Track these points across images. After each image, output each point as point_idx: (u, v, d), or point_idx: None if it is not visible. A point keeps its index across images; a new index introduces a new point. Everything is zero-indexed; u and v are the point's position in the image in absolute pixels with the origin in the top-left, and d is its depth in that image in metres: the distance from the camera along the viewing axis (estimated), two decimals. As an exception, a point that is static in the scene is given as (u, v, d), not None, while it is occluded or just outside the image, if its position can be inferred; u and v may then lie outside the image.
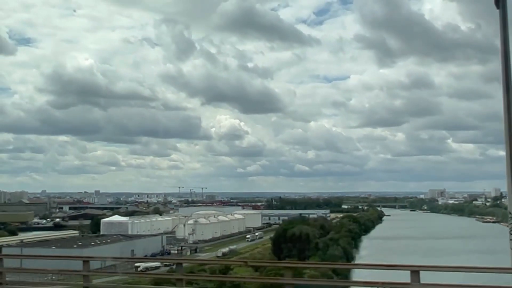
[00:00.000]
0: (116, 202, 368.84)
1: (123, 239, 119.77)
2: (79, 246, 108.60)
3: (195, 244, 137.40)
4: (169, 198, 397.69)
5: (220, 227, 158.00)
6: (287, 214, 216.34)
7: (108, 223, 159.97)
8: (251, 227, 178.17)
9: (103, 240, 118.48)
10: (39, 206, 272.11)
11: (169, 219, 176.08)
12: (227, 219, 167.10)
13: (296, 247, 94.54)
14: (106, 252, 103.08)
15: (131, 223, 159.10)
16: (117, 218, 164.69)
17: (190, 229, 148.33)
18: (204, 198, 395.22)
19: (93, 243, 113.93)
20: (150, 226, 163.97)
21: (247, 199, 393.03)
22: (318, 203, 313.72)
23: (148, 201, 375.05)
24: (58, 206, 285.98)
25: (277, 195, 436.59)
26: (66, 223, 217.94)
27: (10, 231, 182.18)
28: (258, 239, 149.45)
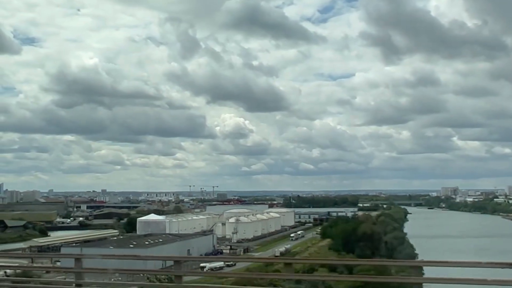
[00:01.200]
0: (127, 201, 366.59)
1: (178, 239, 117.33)
2: (137, 246, 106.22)
3: (239, 243, 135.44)
4: (180, 196, 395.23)
5: (260, 225, 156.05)
6: (316, 212, 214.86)
7: (145, 222, 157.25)
8: (286, 226, 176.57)
9: (155, 240, 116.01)
10: (58, 205, 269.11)
11: (203, 218, 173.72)
12: (266, 218, 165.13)
13: (368, 246, 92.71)
14: (167, 252, 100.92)
15: (168, 222, 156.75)
16: (154, 217, 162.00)
17: (231, 228, 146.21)
18: (215, 197, 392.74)
19: (147, 242, 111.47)
20: (187, 225, 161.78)
21: (257, 198, 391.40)
22: (335, 201, 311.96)
23: (160, 200, 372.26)
24: (76, 205, 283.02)
25: (281, 194, 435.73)
26: (91, 222, 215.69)
27: (40, 231, 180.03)
28: (301, 237, 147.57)
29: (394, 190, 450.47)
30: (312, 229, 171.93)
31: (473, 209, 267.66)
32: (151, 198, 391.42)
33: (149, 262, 52.48)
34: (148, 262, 57.22)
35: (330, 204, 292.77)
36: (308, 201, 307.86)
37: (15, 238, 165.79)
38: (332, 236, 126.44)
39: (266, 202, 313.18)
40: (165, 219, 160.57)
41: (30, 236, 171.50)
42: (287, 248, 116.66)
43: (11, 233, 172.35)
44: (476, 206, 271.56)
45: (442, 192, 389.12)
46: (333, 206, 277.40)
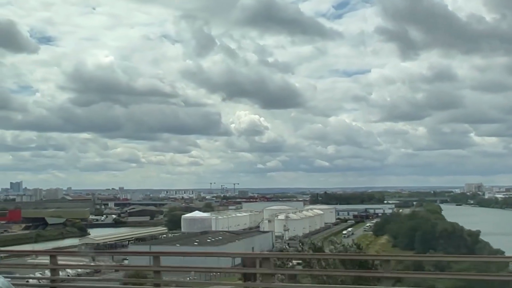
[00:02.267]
0: (149, 199, 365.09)
1: (241, 237, 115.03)
2: (201, 244, 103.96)
3: (291, 241, 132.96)
4: (201, 194, 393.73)
5: (307, 223, 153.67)
6: (354, 209, 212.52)
7: (190, 219, 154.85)
8: (329, 223, 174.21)
9: (215, 237, 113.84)
10: (86, 203, 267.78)
11: (246, 215, 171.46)
12: (312, 215, 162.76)
13: (450, 244, 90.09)
14: (235, 250, 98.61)
15: (214, 219, 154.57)
16: (199, 214, 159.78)
17: (281, 225, 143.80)
18: (236, 194, 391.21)
19: (209, 240, 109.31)
20: (231, 222, 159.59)
21: (277, 195, 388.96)
22: (362, 198, 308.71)
23: (183, 197, 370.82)
24: (103, 203, 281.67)
25: (297, 191, 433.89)
26: (125, 219, 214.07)
27: (79, 228, 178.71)
28: (351, 235, 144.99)
29: (411, 187, 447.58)
30: (356, 226, 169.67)
31: (505, 205, 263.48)
32: (172, 196, 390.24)
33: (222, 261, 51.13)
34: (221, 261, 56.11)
35: (357, 201, 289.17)
36: (335, 198, 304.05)
37: (56, 236, 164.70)
38: (391, 233, 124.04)
39: (292, 199, 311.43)
40: (210, 216, 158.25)
41: (70, 233, 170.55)
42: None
43: (52, 230, 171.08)
44: (508, 202, 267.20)
45: (466, 188, 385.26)
46: (360, 203, 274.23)
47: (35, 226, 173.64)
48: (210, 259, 66.88)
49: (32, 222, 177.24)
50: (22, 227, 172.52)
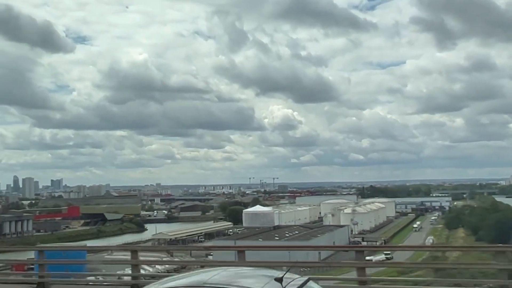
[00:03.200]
0: (190, 194, 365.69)
1: (319, 232, 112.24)
2: (282, 238, 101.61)
3: (361, 235, 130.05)
4: (241, 189, 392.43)
5: (373, 216, 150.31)
6: (411, 202, 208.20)
7: (253, 213, 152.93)
8: (392, 217, 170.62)
9: (292, 232, 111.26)
10: (133, 199, 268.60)
11: (305, 209, 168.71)
12: (376, 208, 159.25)
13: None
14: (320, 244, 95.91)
15: (277, 213, 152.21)
16: (260, 208, 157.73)
17: (347, 219, 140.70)
18: (276, 189, 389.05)
19: (288, 235, 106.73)
20: (293, 216, 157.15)
21: (317, 189, 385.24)
22: (409, 191, 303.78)
23: (224, 192, 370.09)
24: (149, 199, 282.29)
25: (331, 185, 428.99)
26: (178, 215, 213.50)
27: (137, 224, 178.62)
28: (420, 229, 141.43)
29: (449, 180, 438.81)
30: (418, 220, 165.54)
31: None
32: (212, 191, 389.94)
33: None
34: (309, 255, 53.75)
35: (403, 194, 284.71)
36: (381, 192, 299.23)
37: (115, 231, 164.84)
38: (468, 226, 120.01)
39: (335, 193, 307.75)
40: (272, 210, 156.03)
41: (128, 229, 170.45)
42: (433, 240, 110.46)
43: (111, 226, 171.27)
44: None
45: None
46: (407, 196, 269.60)
47: (94, 222, 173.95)
48: (297, 254, 65.11)
49: (90, 218, 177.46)
50: (81, 223, 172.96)
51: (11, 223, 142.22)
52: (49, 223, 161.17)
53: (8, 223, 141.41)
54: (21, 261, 21.57)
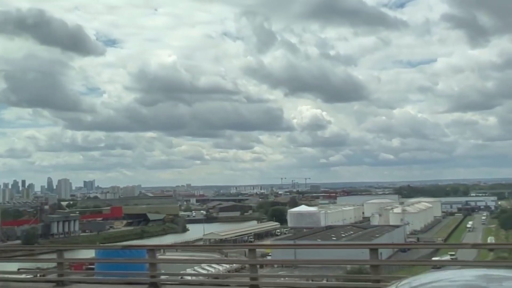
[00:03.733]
0: (222, 194, 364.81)
1: (377, 232, 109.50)
2: (345, 238, 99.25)
3: (413, 235, 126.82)
4: (274, 189, 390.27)
5: (422, 216, 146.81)
6: (456, 202, 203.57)
7: (298, 213, 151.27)
8: (439, 217, 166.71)
9: (347, 232, 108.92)
10: (169, 199, 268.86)
11: (350, 209, 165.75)
12: (424, 208, 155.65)
13: None
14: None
15: (323, 213, 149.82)
16: (306, 208, 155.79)
17: (397, 219, 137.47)
18: (308, 189, 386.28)
19: (344, 235, 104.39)
20: (338, 216, 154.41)
21: (349, 189, 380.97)
22: (447, 191, 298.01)
23: (257, 192, 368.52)
24: (184, 199, 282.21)
25: (361, 185, 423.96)
26: (217, 215, 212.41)
27: (179, 224, 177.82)
28: (473, 229, 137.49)
29: (483, 179, 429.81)
30: (467, 219, 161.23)
31: None
32: (243, 191, 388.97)
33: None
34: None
35: (441, 193, 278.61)
36: (418, 191, 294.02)
37: (159, 232, 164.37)
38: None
39: (371, 193, 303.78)
40: (318, 210, 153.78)
41: (171, 229, 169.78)
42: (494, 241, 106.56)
43: (153, 226, 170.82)
44: None
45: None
46: (446, 195, 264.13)
47: (137, 222, 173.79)
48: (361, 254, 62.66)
49: (132, 218, 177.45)
50: (124, 223, 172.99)
51: (59, 223, 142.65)
52: (94, 223, 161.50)
53: (56, 224, 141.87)
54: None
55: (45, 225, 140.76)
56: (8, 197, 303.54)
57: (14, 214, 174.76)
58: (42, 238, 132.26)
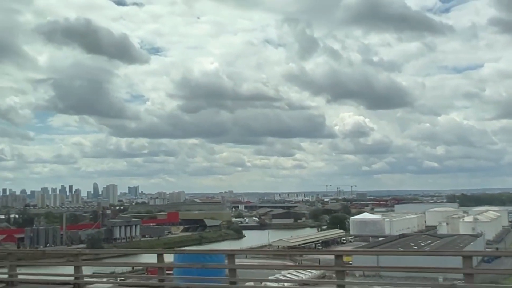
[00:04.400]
0: (266, 201, 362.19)
1: (460, 240, 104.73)
2: (427, 247, 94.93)
3: (488, 245, 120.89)
4: (319, 196, 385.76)
5: (493, 225, 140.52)
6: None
7: (361, 221, 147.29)
8: (507, 226, 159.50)
9: (424, 241, 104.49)
10: (218, 205, 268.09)
11: (413, 217, 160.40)
12: (494, 217, 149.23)
13: None
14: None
15: (388, 221, 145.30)
16: (369, 216, 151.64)
17: (469, 228, 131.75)
18: (354, 196, 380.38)
19: (423, 244, 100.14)
20: (402, 224, 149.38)
21: (395, 197, 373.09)
22: (502, 199, 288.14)
23: (302, 199, 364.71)
24: (233, 206, 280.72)
25: (404, 193, 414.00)
26: (270, 222, 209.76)
27: (235, 230, 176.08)
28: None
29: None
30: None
31: None
32: (287, 198, 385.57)
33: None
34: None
35: (498, 202, 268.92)
36: (473, 200, 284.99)
37: (216, 238, 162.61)
38: None
39: (423, 201, 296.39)
40: (382, 218, 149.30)
41: (228, 235, 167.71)
42: None
43: (210, 232, 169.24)
44: None
45: None
46: (502, 204, 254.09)
47: (193, 228, 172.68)
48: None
49: (189, 224, 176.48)
50: (181, 228, 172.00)
51: (121, 228, 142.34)
52: (153, 228, 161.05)
53: (118, 228, 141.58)
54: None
55: (108, 229, 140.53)
56: (59, 202, 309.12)
57: (71, 218, 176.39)
58: (104, 243, 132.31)
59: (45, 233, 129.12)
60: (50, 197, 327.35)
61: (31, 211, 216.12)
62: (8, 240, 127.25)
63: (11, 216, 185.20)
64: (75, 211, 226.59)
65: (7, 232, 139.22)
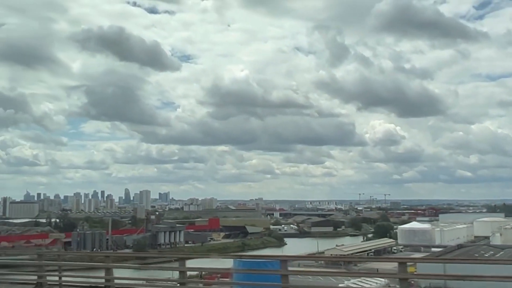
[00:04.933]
0: (299, 209, 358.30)
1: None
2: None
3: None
4: (352, 204, 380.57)
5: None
6: None
7: (410, 230, 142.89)
8: None
9: (487, 252, 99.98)
10: (253, 212, 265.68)
11: (463, 227, 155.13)
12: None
13: None
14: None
15: (439, 230, 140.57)
16: (417, 225, 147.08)
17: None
18: (388, 205, 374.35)
19: (486, 255, 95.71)
20: (452, 234, 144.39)
21: (432, 206, 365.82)
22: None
23: (336, 207, 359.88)
24: (268, 213, 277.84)
25: (436, 202, 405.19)
26: (309, 230, 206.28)
27: (277, 238, 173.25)
28: None
29: None
30: None
31: None
32: (321, 207, 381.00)
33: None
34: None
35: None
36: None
37: (258, 245, 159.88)
38: None
39: (461, 211, 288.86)
40: (431, 227, 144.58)
41: (269, 243, 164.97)
42: None
43: (252, 240, 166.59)
44: None
45: None
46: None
47: (234, 234, 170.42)
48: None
49: (230, 230, 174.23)
50: (222, 235, 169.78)
51: (165, 233, 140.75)
52: (195, 234, 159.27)
53: (163, 233, 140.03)
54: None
55: (152, 234, 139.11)
56: (93, 207, 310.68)
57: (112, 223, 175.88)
58: (149, 248, 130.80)
59: (92, 238, 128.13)
60: (85, 202, 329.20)
61: (71, 215, 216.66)
62: (54, 244, 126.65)
63: (51, 220, 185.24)
64: (112, 216, 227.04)
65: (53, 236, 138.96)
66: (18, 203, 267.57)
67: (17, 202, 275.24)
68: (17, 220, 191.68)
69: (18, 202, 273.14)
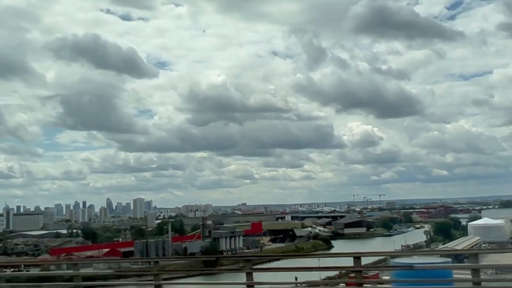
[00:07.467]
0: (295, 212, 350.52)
1: None
2: None
3: None
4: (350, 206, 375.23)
5: None
6: None
7: (484, 227, 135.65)
8: None
9: None
10: (264, 216, 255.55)
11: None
12: None
13: None
14: None
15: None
16: (490, 221, 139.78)
17: None
18: (384, 206, 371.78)
19: None
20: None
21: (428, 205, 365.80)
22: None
23: (335, 209, 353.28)
24: (279, 217, 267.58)
25: (412, 202, 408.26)
26: (342, 231, 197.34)
27: (324, 241, 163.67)
28: None
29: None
30: None
31: None
32: (318, 209, 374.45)
33: None
34: None
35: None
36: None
37: (309, 248, 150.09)
38: None
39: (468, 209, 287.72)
40: (504, 223, 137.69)
41: (319, 246, 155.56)
42: None
43: (300, 243, 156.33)
44: None
45: None
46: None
47: (281, 238, 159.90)
48: None
49: (273, 234, 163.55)
50: (268, 239, 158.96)
51: (226, 239, 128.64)
52: (250, 239, 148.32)
53: (224, 239, 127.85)
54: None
55: (213, 240, 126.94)
56: (87, 217, 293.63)
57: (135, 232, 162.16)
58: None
59: (156, 246, 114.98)
60: (78, 213, 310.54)
61: (92, 225, 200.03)
62: (112, 255, 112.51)
63: (73, 231, 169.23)
64: (119, 226, 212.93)
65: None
66: (22, 215, 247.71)
67: (20, 214, 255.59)
68: (34, 232, 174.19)
69: (22, 214, 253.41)
